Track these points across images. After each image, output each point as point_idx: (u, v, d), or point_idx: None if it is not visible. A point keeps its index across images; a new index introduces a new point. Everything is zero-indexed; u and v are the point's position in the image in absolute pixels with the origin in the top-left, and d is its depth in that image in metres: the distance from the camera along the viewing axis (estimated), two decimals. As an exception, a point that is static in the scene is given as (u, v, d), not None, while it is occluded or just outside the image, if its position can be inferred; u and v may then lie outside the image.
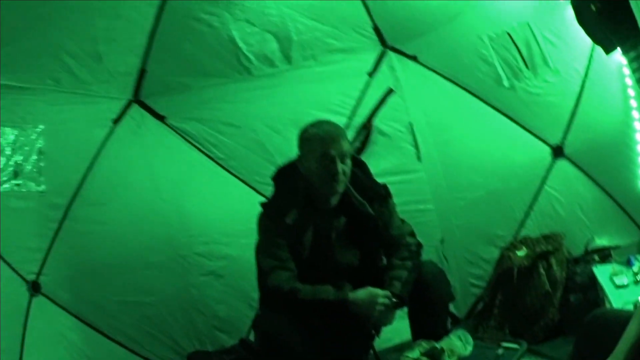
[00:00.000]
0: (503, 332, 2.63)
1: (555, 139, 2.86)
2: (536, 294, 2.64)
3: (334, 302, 1.99)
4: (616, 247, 2.76)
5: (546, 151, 2.87)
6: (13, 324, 2.28)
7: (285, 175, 2.17)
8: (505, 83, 2.77)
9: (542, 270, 2.66)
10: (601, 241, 2.88)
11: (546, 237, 2.78)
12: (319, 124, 2.08)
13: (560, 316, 2.60)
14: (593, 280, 2.58)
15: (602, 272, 2.51)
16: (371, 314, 1.99)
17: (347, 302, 1.98)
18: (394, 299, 2.03)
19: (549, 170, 2.88)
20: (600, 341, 1.53)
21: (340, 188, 2.05)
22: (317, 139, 2.01)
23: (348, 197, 2.12)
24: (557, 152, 2.86)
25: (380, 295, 2.01)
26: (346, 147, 2.04)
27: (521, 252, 2.71)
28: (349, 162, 2.06)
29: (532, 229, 2.89)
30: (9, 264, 2.30)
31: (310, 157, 2.03)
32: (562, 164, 2.88)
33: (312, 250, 2.12)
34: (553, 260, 2.69)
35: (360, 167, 2.20)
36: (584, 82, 2.74)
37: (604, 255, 2.72)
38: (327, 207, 2.12)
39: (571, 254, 2.77)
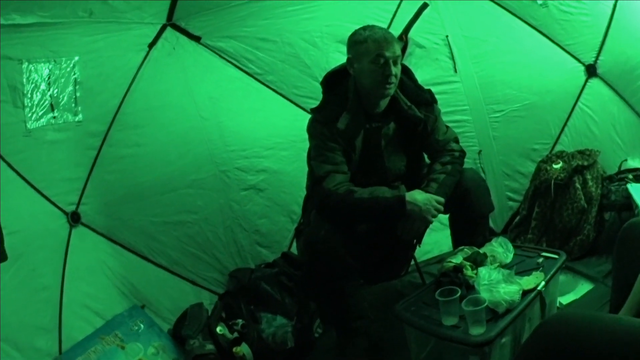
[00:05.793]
0: (540, 246, 2.62)
1: (588, 58, 2.88)
2: (572, 209, 2.64)
3: (391, 200, 1.98)
4: (649, 169, 2.77)
5: (580, 69, 2.90)
6: (54, 258, 2.26)
7: (334, 80, 2.14)
8: (539, 0, 2.78)
9: (578, 185, 2.67)
10: (634, 163, 2.89)
11: (581, 152, 2.78)
12: (371, 27, 2.03)
13: (595, 234, 2.61)
14: (627, 199, 2.58)
15: (636, 189, 2.51)
16: (426, 215, 1.98)
17: (404, 199, 1.97)
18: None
19: (582, 88, 2.90)
20: (638, 248, 1.53)
21: (392, 91, 2.04)
22: (372, 41, 1.97)
23: (396, 101, 2.10)
24: (591, 70, 2.88)
25: (435, 199, 2.01)
26: (398, 50, 2.01)
27: (557, 165, 2.71)
28: (399, 66, 2.04)
29: (567, 146, 2.91)
30: (47, 198, 2.29)
31: (363, 58, 1.99)
32: (596, 83, 2.90)
33: (361, 156, 2.11)
34: (588, 176, 2.70)
35: (406, 74, 2.18)
36: (615, 5, 2.77)
37: (638, 175, 2.72)
38: (376, 112, 2.11)
39: (606, 172, 2.78)
